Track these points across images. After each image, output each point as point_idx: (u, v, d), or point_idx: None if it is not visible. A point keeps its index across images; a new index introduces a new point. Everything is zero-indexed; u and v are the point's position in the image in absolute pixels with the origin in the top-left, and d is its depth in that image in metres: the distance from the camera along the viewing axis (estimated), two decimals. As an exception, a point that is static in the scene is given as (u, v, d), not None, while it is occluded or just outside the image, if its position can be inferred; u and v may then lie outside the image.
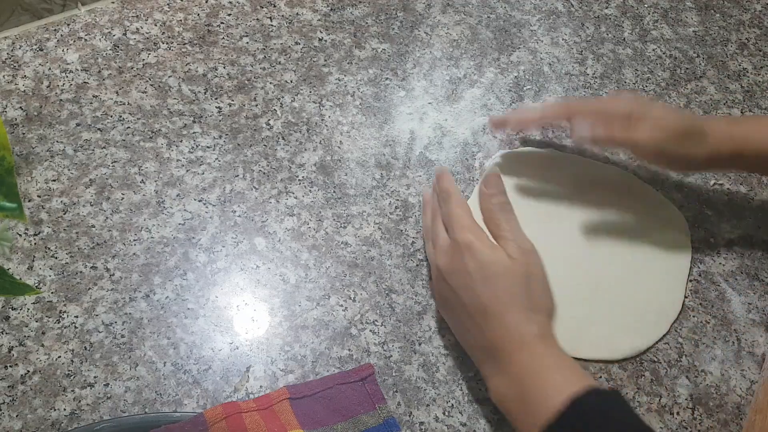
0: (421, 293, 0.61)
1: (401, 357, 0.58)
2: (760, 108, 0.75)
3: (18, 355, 0.55)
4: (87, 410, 0.53)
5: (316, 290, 0.60)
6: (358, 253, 0.62)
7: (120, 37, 0.72)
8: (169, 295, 0.59)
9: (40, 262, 0.59)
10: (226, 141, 0.67)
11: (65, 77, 0.69)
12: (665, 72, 0.77)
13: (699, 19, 0.82)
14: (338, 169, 0.67)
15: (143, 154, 0.66)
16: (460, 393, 0.57)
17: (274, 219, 0.63)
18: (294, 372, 0.56)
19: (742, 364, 0.60)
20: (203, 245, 0.61)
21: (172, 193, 0.64)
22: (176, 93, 0.69)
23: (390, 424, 0.54)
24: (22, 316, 0.57)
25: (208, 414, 0.52)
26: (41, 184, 0.63)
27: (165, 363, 0.56)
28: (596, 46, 0.78)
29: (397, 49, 0.75)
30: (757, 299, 0.63)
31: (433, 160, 0.68)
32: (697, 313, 0.62)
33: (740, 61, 0.79)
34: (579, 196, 0.66)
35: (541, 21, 0.79)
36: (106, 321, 0.57)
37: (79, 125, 0.66)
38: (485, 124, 0.71)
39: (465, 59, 0.75)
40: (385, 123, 0.70)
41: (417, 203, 0.66)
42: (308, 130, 0.69)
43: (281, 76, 0.72)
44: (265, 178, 0.66)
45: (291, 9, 0.77)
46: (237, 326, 0.58)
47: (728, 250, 0.66)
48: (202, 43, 0.73)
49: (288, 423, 0.52)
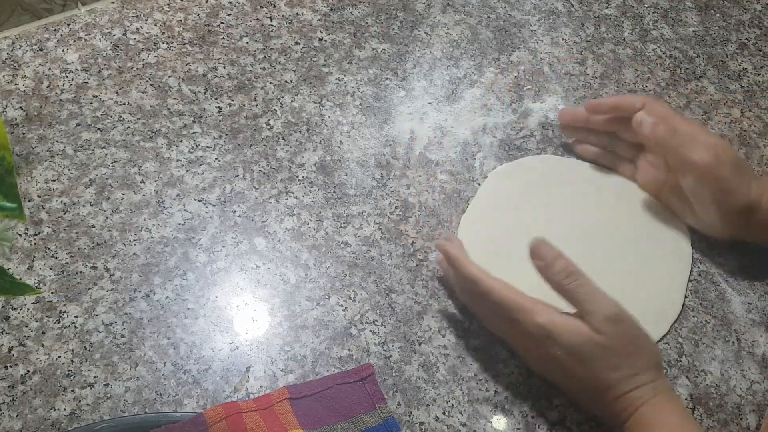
0: (421, 293, 0.61)
1: (401, 357, 0.58)
2: (760, 108, 0.75)
3: (18, 355, 0.55)
4: (87, 410, 0.53)
5: (316, 290, 0.60)
6: (358, 253, 0.62)
7: (120, 37, 0.72)
8: (169, 295, 0.59)
9: (40, 262, 0.59)
10: (226, 141, 0.67)
11: (65, 77, 0.69)
12: (665, 72, 0.77)
13: (699, 19, 0.82)
14: (338, 169, 0.67)
15: (143, 154, 0.66)
16: (460, 393, 0.57)
17: (274, 219, 0.63)
18: (294, 372, 0.56)
19: (742, 364, 0.60)
20: (203, 245, 0.61)
21: (172, 193, 0.64)
22: (176, 93, 0.69)
23: (390, 424, 0.54)
24: (22, 316, 0.57)
25: (208, 414, 0.52)
26: (41, 184, 0.63)
27: (165, 363, 0.56)
28: (596, 46, 0.78)
29: (397, 49, 0.75)
30: (757, 299, 0.63)
31: (433, 160, 0.68)
32: (697, 313, 0.62)
33: (740, 61, 0.79)
34: (579, 201, 0.66)
35: (541, 21, 0.79)
36: (106, 321, 0.57)
37: (79, 125, 0.66)
38: (485, 124, 0.71)
39: (465, 59, 0.75)
40: (385, 123, 0.70)
41: (417, 203, 0.66)
42: (308, 130, 0.69)
43: (281, 76, 0.72)
44: (265, 178, 0.66)
45: (291, 9, 0.77)
46: (237, 326, 0.58)
47: (728, 250, 0.66)
48: (202, 43, 0.73)
49: (288, 423, 0.52)
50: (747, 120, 0.74)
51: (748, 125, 0.74)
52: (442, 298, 0.61)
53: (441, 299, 0.61)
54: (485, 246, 0.63)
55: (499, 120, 0.72)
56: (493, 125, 0.71)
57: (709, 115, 0.74)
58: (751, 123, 0.74)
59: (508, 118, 0.72)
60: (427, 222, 0.65)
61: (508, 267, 0.62)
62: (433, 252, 0.63)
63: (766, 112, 0.75)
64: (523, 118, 0.72)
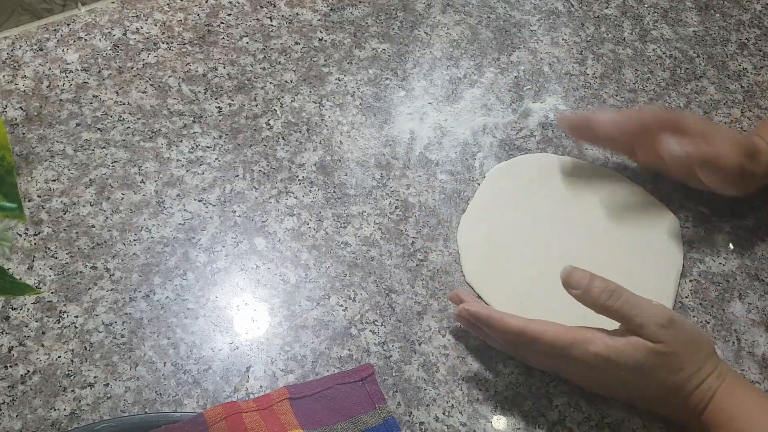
0: (421, 293, 0.61)
1: (401, 357, 0.58)
2: (760, 108, 0.75)
3: (18, 355, 0.55)
4: (87, 410, 0.53)
5: (316, 290, 0.60)
6: (358, 253, 0.62)
7: (120, 37, 0.72)
8: (169, 295, 0.59)
9: (40, 262, 0.59)
10: (226, 141, 0.67)
11: (65, 77, 0.69)
12: (665, 72, 0.77)
13: (699, 19, 0.82)
14: (338, 169, 0.67)
15: (143, 154, 0.66)
16: (460, 393, 0.57)
17: (274, 219, 0.63)
18: (294, 372, 0.56)
19: (742, 364, 0.60)
20: (203, 245, 0.61)
21: (172, 193, 0.64)
22: (176, 93, 0.69)
23: (390, 424, 0.54)
24: (22, 316, 0.57)
25: (208, 414, 0.52)
26: (41, 184, 0.63)
27: (165, 363, 0.56)
28: (596, 46, 0.78)
29: (397, 49, 0.75)
30: (757, 299, 0.63)
31: (433, 160, 0.68)
32: (697, 313, 0.62)
33: (740, 61, 0.79)
34: (571, 199, 0.66)
35: (541, 21, 0.79)
36: (106, 321, 0.57)
37: (79, 125, 0.66)
38: (485, 124, 0.71)
39: (465, 59, 0.75)
40: (385, 123, 0.70)
41: (417, 203, 0.66)
42: (308, 130, 0.69)
43: (281, 76, 0.72)
44: (265, 178, 0.66)
45: (291, 9, 0.77)
46: (237, 326, 0.58)
47: (728, 250, 0.66)
48: (202, 43, 0.73)
49: (288, 423, 0.52)
50: (747, 120, 0.74)
51: (748, 125, 0.74)
52: (442, 298, 0.61)
53: (441, 299, 0.61)
54: (486, 246, 0.63)
55: (499, 120, 0.72)
56: (493, 125, 0.71)
57: (709, 115, 0.74)
58: (751, 123, 0.74)
59: (508, 118, 0.72)
60: (427, 222, 0.65)
61: (509, 267, 0.62)
62: (433, 252, 0.63)
63: (766, 112, 0.75)
64: (523, 118, 0.72)
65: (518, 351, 0.57)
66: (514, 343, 0.55)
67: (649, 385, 0.52)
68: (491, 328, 0.55)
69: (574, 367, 0.54)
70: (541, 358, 0.55)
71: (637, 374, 0.51)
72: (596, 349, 0.51)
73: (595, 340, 0.51)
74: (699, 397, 0.52)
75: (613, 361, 0.51)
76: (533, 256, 0.63)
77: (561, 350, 0.52)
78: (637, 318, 0.50)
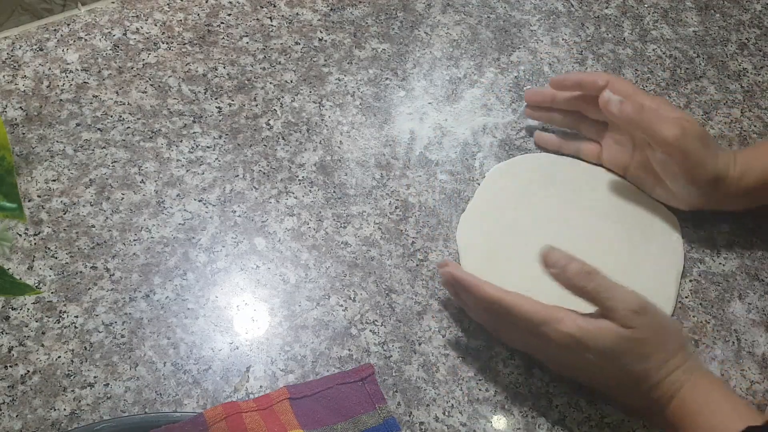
0: (421, 293, 0.61)
1: (401, 357, 0.58)
2: (760, 108, 0.75)
3: (18, 355, 0.55)
4: (87, 410, 0.53)
5: (316, 290, 0.60)
6: (358, 253, 0.62)
7: (120, 37, 0.72)
8: (169, 295, 0.59)
9: (40, 262, 0.59)
10: (226, 141, 0.67)
11: (65, 77, 0.69)
12: (665, 72, 0.77)
13: (699, 19, 0.82)
14: (338, 169, 0.67)
15: (143, 154, 0.66)
16: (460, 393, 0.57)
17: (274, 219, 0.63)
18: (294, 372, 0.56)
19: (742, 364, 0.60)
20: (203, 245, 0.61)
21: (172, 193, 0.64)
22: (176, 93, 0.69)
23: (390, 424, 0.54)
24: (22, 316, 0.57)
25: (208, 414, 0.52)
26: (41, 184, 0.63)
27: (165, 363, 0.56)
28: (596, 46, 0.78)
29: (397, 49, 0.75)
30: (757, 299, 0.63)
31: (433, 160, 0.68)
32: (697, 313, 0.62)
33: (740, 61, 0.79)
34: (571, 199, 0.66)
35: (541, 21, 0.79)
36: (106, 321, 0.57)
37: (79, 125, 0.66)
38: (485, 124, 0.71)
39: (465, 59, 0.76)
40: (385, 123, 0.70)
41: (417, 203, 0.66)
42: (308, 130, 0.69)
43: (281, 76, 0.72)
44: (265, 178, 0.66)
45: (291, 9, 0.77)
46: (237, 326, 0.58)
47: (728, 250, 0.66)
48: (202, 43, 0.73)
49: (288, 423, 0.52)
50: (747, 120, 0.74)
51: (748, 125, 0.74)
52: (442, 298, 0.61)
53: (441, 299, 0.61)
54: (485, 245, 0.63)
55: (499, 120, 0.72)
56: (493, 125, 0.71)
57: (709, 115, 0.74)
58: (751, 123, 0.74)
59: (508, 118, 0.72)
60: (427, 222, 0.65)
61: (509, 266, 0.62)
62: (433, 252, 0.63)
63: (766, 112, 0.75)
64: (523, 118, 0.72)
65: (494, 324, 0.57)
66: (489, 311, 0.56)
67: (615, 371, 0.52)
68: (470, 294, 0.55)
69: (546, 346, 0.54)
70: (514, 333, 0.56)
71: (604, 358, 0.51)
72: (567, 329, 0.51)
73: (567, 320, 0.51)
74: (664, 389, 0.51)
75: (582, 343, 0.51)
76: (533, 256, 0.63)
77: (534, 326, 0.52)
78: (610, 301, 0.51)
